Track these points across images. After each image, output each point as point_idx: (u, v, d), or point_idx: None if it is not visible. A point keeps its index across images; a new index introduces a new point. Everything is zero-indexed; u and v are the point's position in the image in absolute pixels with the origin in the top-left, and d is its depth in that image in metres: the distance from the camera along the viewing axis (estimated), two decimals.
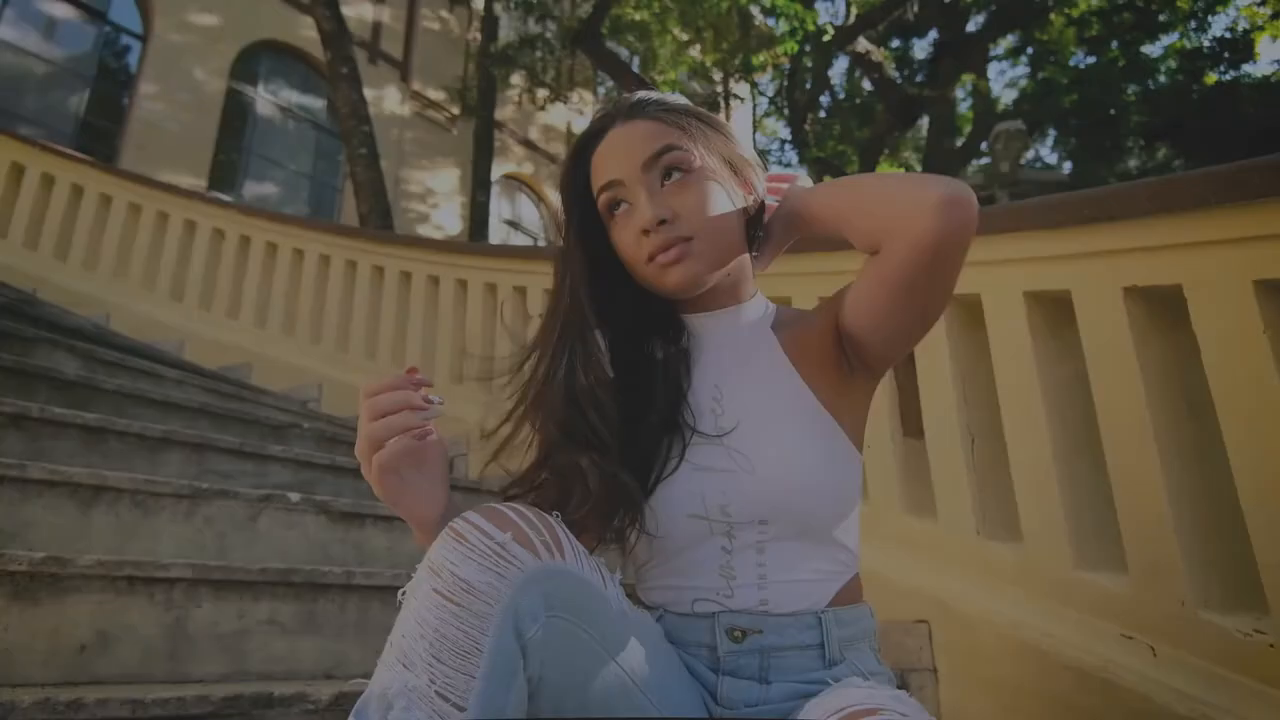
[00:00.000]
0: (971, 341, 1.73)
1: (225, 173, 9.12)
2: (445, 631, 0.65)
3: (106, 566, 1.24)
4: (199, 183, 8.57)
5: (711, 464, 0.86)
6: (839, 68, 13.06)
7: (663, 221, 0.84)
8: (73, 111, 8.14)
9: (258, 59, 9.69)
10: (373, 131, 6.16)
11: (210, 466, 2.03)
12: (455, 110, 10.94)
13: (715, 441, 0.87)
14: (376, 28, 10.88)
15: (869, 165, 10.44)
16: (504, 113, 11.96)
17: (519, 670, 0.67)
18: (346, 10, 9.73)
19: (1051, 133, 13.76)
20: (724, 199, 0.88)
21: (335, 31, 6.07)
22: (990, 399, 1.65)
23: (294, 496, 1.78)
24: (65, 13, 8.19)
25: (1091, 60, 12.27)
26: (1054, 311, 1.58)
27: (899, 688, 0.80)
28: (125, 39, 8.66)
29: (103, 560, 1.24)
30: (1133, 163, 12.91)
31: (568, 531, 0.74)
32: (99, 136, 8.21)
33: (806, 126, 11.22)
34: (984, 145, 10.12)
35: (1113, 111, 11.85)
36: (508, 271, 3.30)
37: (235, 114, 9.34)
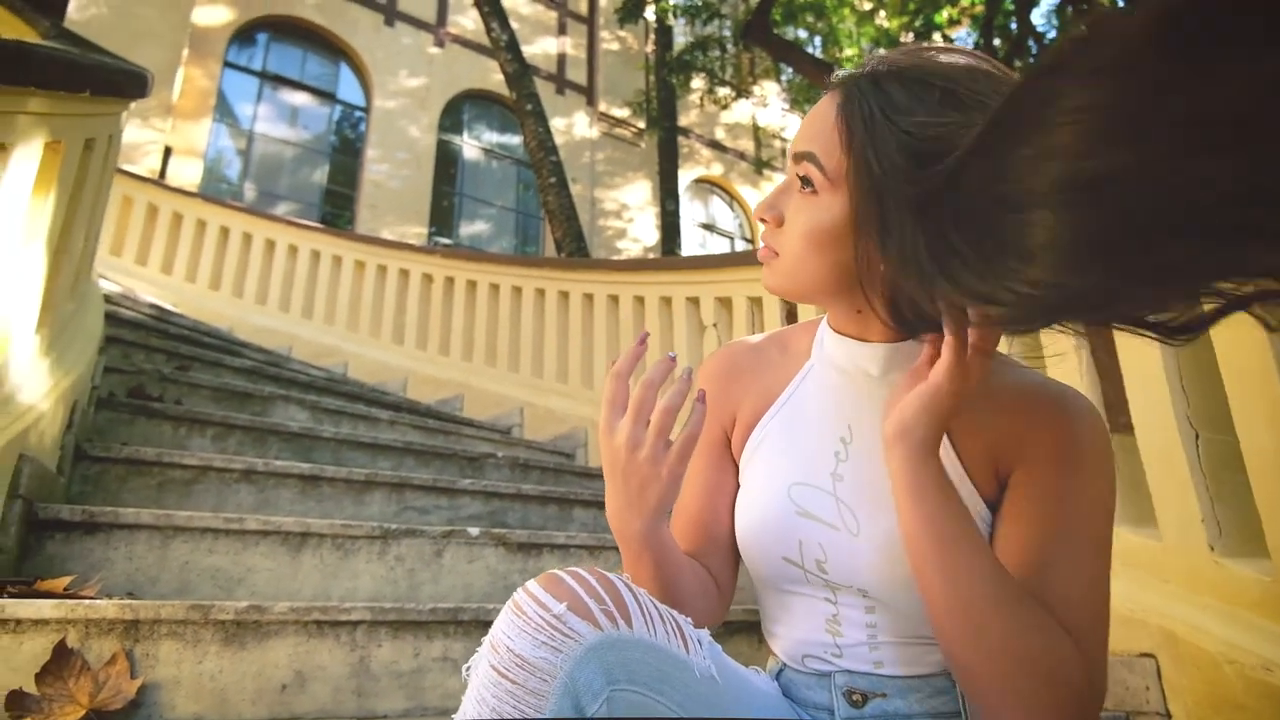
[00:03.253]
0: None
1: (443, 217, 10.04)
2: (502, 711, 0.63)
3: (298, 612, 1.37)
4: (421, 230, 9.49)
5: (817, 512, 0.78)
6: (1045, 6, 11.73)
7: (764, 220, 0.78)
8: (317, 183, 9.35)
9: (460, 109, 10.57)
10: (560, 160, 6.47)
11: (408, 503, 2.20)
12: (640, 124, 11.20)
13: (826, 490, 0.79)
14: (561, 59, 11.44)
15: None
16: (688, 118, 12.07)
17: None
18: (533, 48, 10.36)
19: None
20: (834, 236, 0.71)
21: (518, 72, 6.45)
22: (1214, 382, 1.37)
23: (474, 531, 1.88)
24: (303, 100, 9.45)
25: None
26: None
27: None
28: (355, 113, 9.82)
29: (294, 606, 1.37)
30: None
31: (641, 595, 0.70)
32: (340, 202, 9.37)
33: None
34: None
35: None
36: (680, 284, 3.30)
37: (446, 163, 10.26)
